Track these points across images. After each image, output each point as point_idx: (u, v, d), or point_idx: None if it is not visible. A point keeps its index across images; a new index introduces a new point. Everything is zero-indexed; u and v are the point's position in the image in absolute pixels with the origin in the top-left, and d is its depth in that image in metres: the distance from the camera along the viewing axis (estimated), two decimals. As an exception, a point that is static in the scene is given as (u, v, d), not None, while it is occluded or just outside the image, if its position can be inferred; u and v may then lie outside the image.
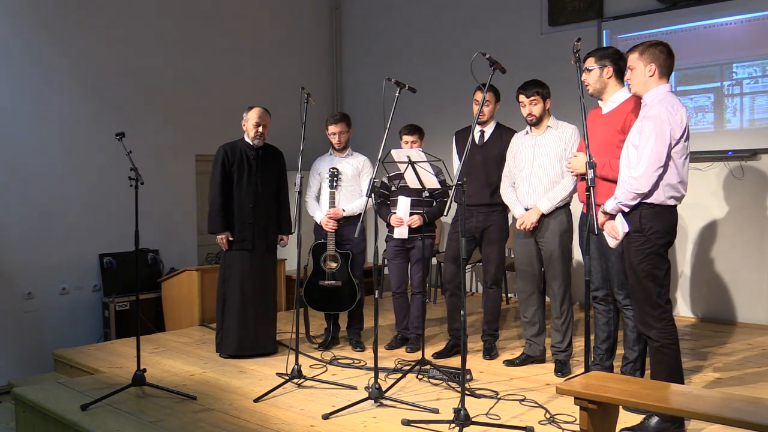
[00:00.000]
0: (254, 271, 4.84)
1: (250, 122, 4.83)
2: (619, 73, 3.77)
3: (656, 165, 3.21)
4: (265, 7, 7.78)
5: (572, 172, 3.91)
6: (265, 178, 4.88)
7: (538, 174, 4.28)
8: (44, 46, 6.06)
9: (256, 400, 3.90)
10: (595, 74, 3.76)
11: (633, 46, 3.44)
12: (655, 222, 3.27)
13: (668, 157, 3.23)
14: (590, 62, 3.77)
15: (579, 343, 4.49)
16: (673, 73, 3.46)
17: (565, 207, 4.29)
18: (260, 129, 4.82)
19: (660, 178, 3.23)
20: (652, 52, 3.33)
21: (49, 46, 6.09)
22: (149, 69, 6.74)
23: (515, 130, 4.65)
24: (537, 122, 4.32)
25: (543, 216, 4.26)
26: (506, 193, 4.48)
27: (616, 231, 3.35)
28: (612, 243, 3.43)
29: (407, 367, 4.31)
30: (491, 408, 3.67)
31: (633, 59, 3.39)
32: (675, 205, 3.33)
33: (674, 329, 3.31)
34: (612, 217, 3.38)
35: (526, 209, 4.32)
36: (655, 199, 3.26)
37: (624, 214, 3.32)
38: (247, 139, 4.88)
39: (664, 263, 3.31)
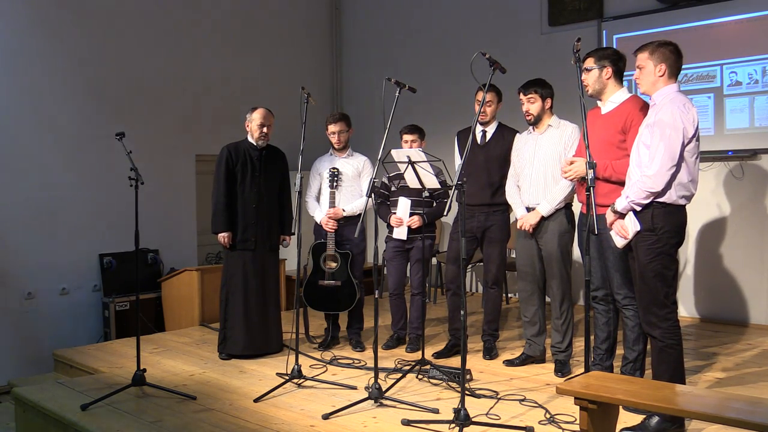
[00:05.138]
0: (257, 271, 4.84)
1: (254, 123, 4.84)
2: (618, 74, 3.77)
3: (670, 164, 3.21)
4: (265, 7, 7.78)
5: (572, 178, 3.86)
6: (268, 179, 4.89)
7: (538, 173, 4.28)
8: (44, 46, 6.06)
9: (256, 400, 3.91)
10: (594, 75, 3.76)
11: (642, 45, 3.43)
12: (666, 221, 3.27)
13: (680, 156, 3.23)
14: (589, 62, 3.76)
15: (579, 343, 4.49)
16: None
17: (565, 208, 4.29)
18: (264, 129, 4.83)
19: (673, 177, 3.23)
20: (662, 51, 3.33)
21: (49, 46, 6.09)
22: (149, 69, 6.73)
23: (517, 130, 4.66)
24: (536, 121, 4.32)
25: (543, 218, 4.26)
26: (510, 194, 4.49)
27: (625, 230, 3.35)
28: (620, 242, 3.42)
29: (407, 367, 4.31)
30: (491, 408, 3.67)
31: (642, 58, 3.38)
32: (685, 205, 3.33)
33: (679, 329, 3.31)
34: (622, 216, 3.37)
35: (528, 208, 4.32)
36: (668, 198, 3.26)
37: (635, 213, 3.32)
38: (250, 139, 4.89)
39: (673, 263, 3.31)
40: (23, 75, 5.94)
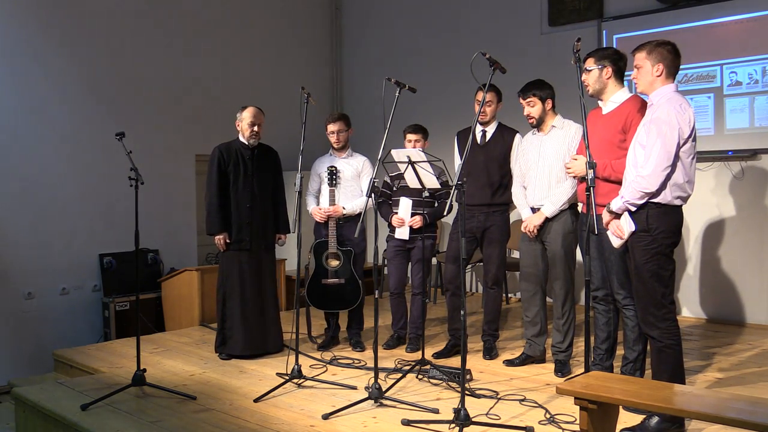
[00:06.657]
0: (253, 270, 4.84)
1: (244, 122, 4.83)
2: (619, 74, 3.77)
3: (665, 164, 3.21)
4: (265, 7, 7.78)
5: (573, 176, 3.90)
6: (261, 178, 4.88)
7: (542, 174, 4.28)
8: (44, 47, 6.06)
9: (256, 400, 3.91)
10: (594, 75, 3.76)
11: (639, 44, 3.43)
12: (662, 222, 3.27)
13: (676, 156, 3.23)
14: (589, 63, 3.76)
15: (579, 343, 4.49)
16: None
17: (569, 209, 4.27)
18: (255, 128, 4.82)
19: (668, 177, 3.23)
20: (660, 51, 3.33)
21: (49, 47, 6.09)
22: (149, 69, 6.74)
23: (517, 130, 4.66)
24: (538, 123, 4.31)
25: (547, 219, 4.26)
26: (516, 195, 4.49)
27: (621, 230, 3.35)
28: (616, 242, 3.42)
29: (407, 367, 4.31)
30: (491, 408, 3.67)
31: (640, 58, 3.37)
32: (681, 205, 3.33)
33: (677, 329, 3.31)
34: (617, 216, 3.37)
35: (533, 209, 4.32)
36: (662, 198, 3.26)
37: (630, 213, 3.32)
38: (242, 138, 4.88)
39: (669, 264, 3.31)
40: (23, 75, 5.94)
